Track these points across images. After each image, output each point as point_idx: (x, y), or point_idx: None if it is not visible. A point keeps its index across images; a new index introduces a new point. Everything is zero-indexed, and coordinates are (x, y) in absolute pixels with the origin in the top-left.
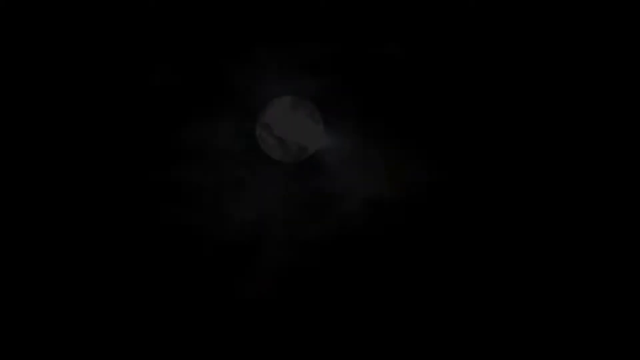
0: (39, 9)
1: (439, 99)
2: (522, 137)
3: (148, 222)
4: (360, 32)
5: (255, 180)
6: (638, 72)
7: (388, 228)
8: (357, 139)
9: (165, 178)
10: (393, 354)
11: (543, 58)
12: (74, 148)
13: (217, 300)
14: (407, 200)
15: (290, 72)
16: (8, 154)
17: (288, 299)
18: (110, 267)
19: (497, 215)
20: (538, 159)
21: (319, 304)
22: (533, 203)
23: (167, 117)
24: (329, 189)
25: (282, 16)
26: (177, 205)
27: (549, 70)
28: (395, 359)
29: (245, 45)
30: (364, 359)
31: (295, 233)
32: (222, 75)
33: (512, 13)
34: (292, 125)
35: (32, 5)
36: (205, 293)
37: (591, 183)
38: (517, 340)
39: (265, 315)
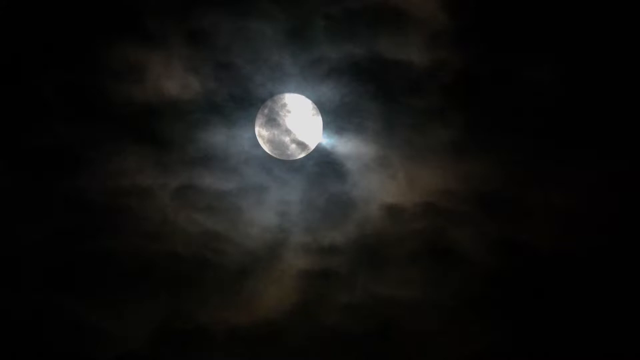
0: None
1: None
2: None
3: (168, 227)
4: (384, 40)
5: (276, 186)
6: None
7: (408, 233)
8: (378, 145)
9: (186, 184)
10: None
11: None
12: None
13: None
14: (426, 206)
15: (313, 79)
16: None
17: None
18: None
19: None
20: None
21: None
22: None
23: (187, 123)
24: (350, 194)
25: (305, 23)
26: (198, 210)
27: None
28: None
29: (268, 53)
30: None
31: (315, 238)
32: (243, 83)
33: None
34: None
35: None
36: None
37: None
38: None
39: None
